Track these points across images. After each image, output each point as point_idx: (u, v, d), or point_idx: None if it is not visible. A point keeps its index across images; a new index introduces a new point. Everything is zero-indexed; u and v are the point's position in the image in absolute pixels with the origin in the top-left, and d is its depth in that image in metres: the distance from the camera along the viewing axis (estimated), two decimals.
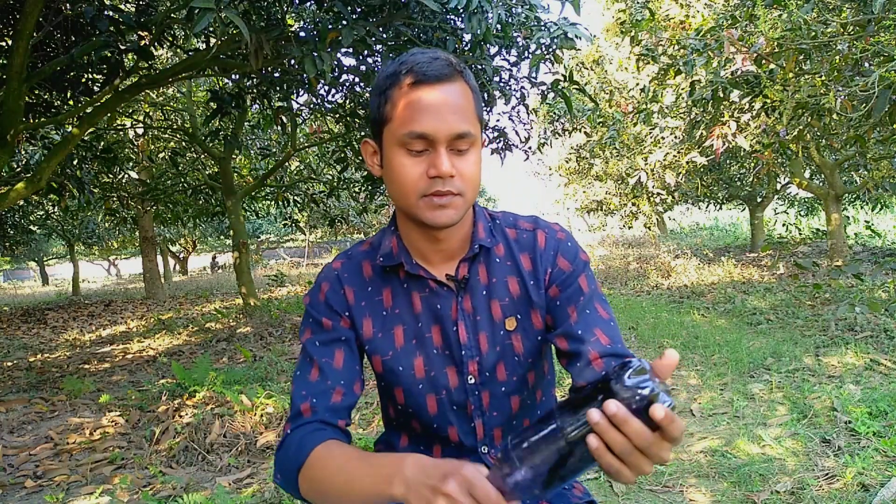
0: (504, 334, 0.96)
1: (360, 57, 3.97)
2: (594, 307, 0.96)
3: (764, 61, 3.75)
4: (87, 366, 5.53)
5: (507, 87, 4.90)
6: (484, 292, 0.97)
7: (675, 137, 6.30)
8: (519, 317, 0.97)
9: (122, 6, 4.86)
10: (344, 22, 3.09)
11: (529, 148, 6.18)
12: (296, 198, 8.55)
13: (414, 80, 0.84)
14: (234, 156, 8.14)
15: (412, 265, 0.95)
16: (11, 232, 10.67)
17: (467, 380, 0.96)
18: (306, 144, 7.92)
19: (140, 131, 7.82)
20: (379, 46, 3.76)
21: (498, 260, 0.98)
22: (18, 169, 5.50)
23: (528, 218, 1.04)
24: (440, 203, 0.86)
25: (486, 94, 4.63)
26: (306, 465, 0.84)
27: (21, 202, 8.41)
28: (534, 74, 4.16)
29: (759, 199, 11.70)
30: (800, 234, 10.92)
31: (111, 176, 7.29)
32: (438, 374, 0.96)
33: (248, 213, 9.77)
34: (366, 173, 6.30)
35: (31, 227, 11.70)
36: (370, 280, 0.98)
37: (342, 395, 0.92)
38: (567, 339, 0.94)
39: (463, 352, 0.95)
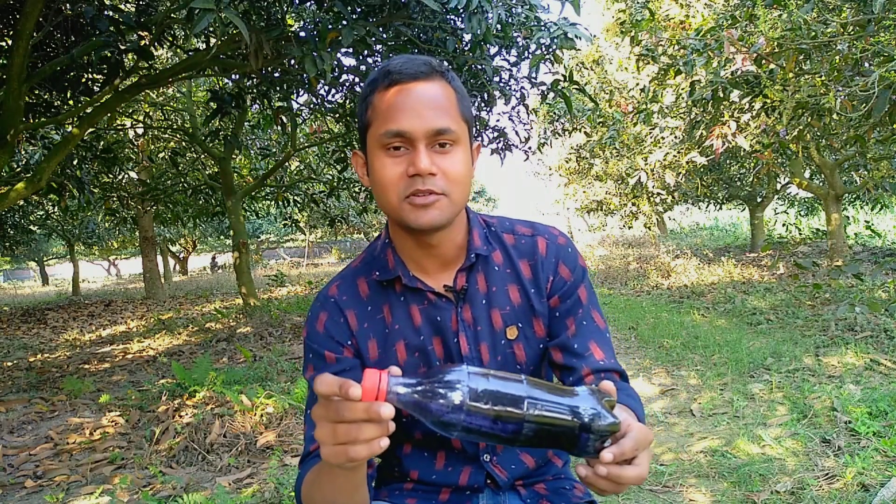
0: (505, 343, 0.96)
1: (360, 57, 3.97)
2: (591, 317, 0.97)
3: (764, 61, 3.75)
4: (87, 366, 5.53)
5: (507, 87, 4.90)
6: (483, 301, 0.95)
7: (675, 137, 6.30)
8: (520, 325, 0.96)
9: (122, 6, 4.86)
10: (344, 22, 3.09)
11: (529, 148, 6.18)
12: (296, 198, 8.54)
13: (390, 81, 0.84)
14: (234, 156, 8.14)
15: (410, 278, 0.93)
16: (11, 232, 10.68)
17: None
18: (306, 144, 7.92)
19: (140, 131, 7.82)
20: (379, 46, 3.77)
21: (497, 268, 0.97)
22: (18, 169, 5.50)
23: (526, 223, 1.02)
24: (422, 203, 0.83)
25: (486, 94, 4.64)
26: (303, 498, 0.86)
27: (21, 202, 8.41)
28: (534, 74, 4.17)
29: (759, 199, 11.71)
30: (800, 234, 10.91)
31: (111, 176, 7.28)
32: None
33: (248, 213, 9.77)
34: None
35: (31, 227, 11.71)
36: (368, 298, 0.96)
37: None
38: (563, 352, 0.95)
39: (465, 363, 0.95)
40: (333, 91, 5.43)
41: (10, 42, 3.69)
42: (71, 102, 4.38)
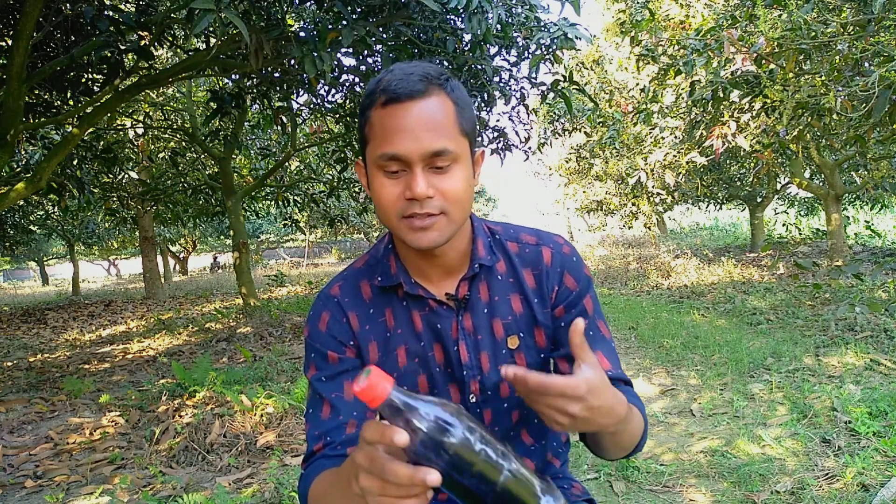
0: (506, 353, 0.95)
1: (360, 57, 3.97)
2: (597, 327, 0.97)
3: (764, 61, 3.75)
4: (87, 366, 5.53)
5: (507, 87, 4.90)
6: (485, 311, 0.95)
7: (675, 137, 6.30)
8: (522, 335, 0.96)
9: (122, 6, 4.86)
10: (344, 22, 3.09)
11: (529, 148, 6.18)
12: (296, 198, 8.55)
13: (385, 99, 0.81)
14: (234, 156, 8.14)
15: (411, 285, 0.92)
16: (11, 232, 10.67)
17: (469, 398, 0.95)
18: (306, 144, 7.92)
19: (140, 131, 7.82)
20: (379, 46, 3.76)
21: (500, 277, 0.96)
22: (18, 169, 5.50)
23: (530, 230, 1.01)
24: (420, 226, 0.82)
25: (486, 95, 4.64)
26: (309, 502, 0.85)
27: (21, 202, 8.41)
28: (534, 74, 4.17)
29: (759, 199, 11.71)
30: (800, 234, 10.93)
31: (111, 176, 7.28)
32: (441, 392, 0.95)
33: (248, 213, 9.77)
34: None
35: (31, 227, 11.70)
36: (371, 301, 0.95)
37: (356, 426, 0.91)
38: (570, 363, 0.94)
39: (465, 371, 0.94)
40: (333, 91, 5.43)
41: (10, 42, 3.69)
42: (71, 102, 4.38)
